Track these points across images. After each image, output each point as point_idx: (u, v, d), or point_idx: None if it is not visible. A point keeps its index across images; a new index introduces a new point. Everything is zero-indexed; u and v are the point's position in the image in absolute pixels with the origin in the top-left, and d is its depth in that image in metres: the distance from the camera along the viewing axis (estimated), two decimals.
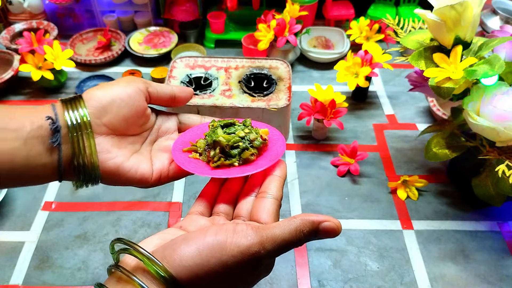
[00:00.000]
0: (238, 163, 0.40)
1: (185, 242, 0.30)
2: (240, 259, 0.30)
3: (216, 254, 0.30)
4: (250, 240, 0.30)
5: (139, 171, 0.40)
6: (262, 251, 0.30)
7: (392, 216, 0.69)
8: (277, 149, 0.41)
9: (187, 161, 0.41)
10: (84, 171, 0.37)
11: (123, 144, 0.40)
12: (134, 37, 1.03)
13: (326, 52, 0.98)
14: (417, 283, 0.60)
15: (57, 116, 0.36)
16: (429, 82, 0.57)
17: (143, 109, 0.41)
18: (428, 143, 0.66)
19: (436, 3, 0.56)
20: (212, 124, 0.43)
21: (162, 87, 0.42)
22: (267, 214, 0.35)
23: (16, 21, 1.03)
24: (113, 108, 0.38)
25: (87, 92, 0.39)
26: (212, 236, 0.30)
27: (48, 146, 0.35)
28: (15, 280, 0.60)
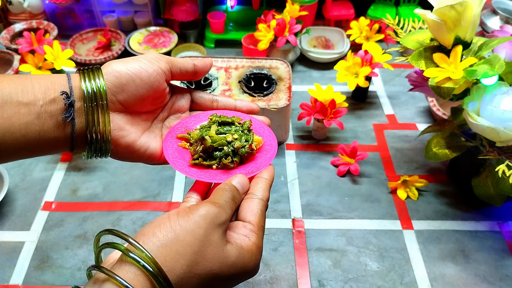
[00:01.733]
0: (216, 167, 0.40)
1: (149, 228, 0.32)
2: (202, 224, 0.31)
3: (177, 224, 0.31)
4: (209, 209, 0.32)
5: (149, 150, 0.40)
6: (220, 210, 0.33)
7: (392, 216, 0.69)
8: (262, 162, 0.40)
9: (173, 149, 0.41)
10: (96, 144, 0.37)
11: (136, 121, 0.40)
12: (134, 37, 1.03)
13: (326, 52, 0.98)
14: (417, 283, 0.60)
15: (72, 89, 0.36)
16: (429, 82, 0.57)
17: (162, 90, 0.40)
18: (428, 143, 0.66)
19: (436, 3, 0.56)
20: (211, 118, 0.43)
21: (184, 65, 0.41)
22: (252, 214, 0.35)
23: (16, 21, 1.03)
24: (131, 87, 0.38)
25: (107, 64, 0.38)
26: (171, 214, 0.32)
27: (61, 120, 0.35)
28: (15, 280, 0.60)
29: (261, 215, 0.36)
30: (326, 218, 0.68)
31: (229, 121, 0.42)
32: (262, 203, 0.36)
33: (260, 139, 0.42)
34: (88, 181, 0.74)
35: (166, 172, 0.75)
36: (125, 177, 0.74)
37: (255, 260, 0.34)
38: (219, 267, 0.31)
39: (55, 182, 0.74)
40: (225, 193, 0.35)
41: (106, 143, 0.37)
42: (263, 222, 0.36)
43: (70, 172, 0.75)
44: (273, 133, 0.43)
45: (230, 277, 0.32)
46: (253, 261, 0.33)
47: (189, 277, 0.30)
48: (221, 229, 0.32)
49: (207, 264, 0.31)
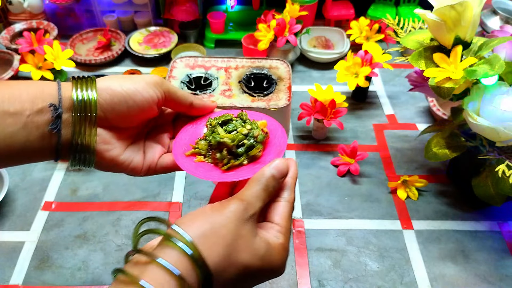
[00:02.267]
0: (247, 162, 0.40)
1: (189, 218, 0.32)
2: (233, 218, 0.32)
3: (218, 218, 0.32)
4: (240, 204, 0.33)
5: (132, 164, 0.40)
6: (248, 205, 0.33)
7: (392, 216, 0.69)
8: (279, 140, 0.41)
9: (195, 167, 0.40)
10: (81, 155, 0.37)
11: (122, 136, 0.40)
12: (134, 37, 1.03)
13: (326, 52, 0.98)
14: (417, 283, 0.60)
15: (61, 99, 0.35)
16: (429, 82, 0.57)
17: (152, 113, 0.41)
18: (428, 143, 0.66)
19: (436, 3, 0.56)
20: (210, 123, 0.42)
21: (181, 100, 0.41)
22: (279, 217, 0.36)
23: (16, 21, 1.03)
24: (123, 107, 0.37)
25: (103, 80, 0.38)
26: (206, 208, 0.33)
27: (47, 132, 0.35)
28: (15, 280, 0.60)
29: (288, 218, 0.36)
30: (326, 218, 0.68)
31: (229, 118, 0.42)
32: (288, 205, 0.37)
33: (265, 122, 0.42)
34: (88, 181, 0.74)
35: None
36: (125, 177, 0.73)
37: (281, 259, 0.34)
38: (250, 258, 0.32)
39: (55, 182, 0.74)
40: (255, 185, 0.35)
41: (91, 155, 0.37)
42: (289, 224, 0.36)
43: (70, 172, 0.75)
44: (267, 115, 0.44)
45: (260, 270, 0.33)
46: (280, 260, 0.34)
47: (225, 266, 0.31)
48: (250, 222, 0.33)
49: (240, 255, 0.32)
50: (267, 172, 0.36)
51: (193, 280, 0.29)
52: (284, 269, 0.35)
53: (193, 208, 0.69)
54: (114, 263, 0.62)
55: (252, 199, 0.34)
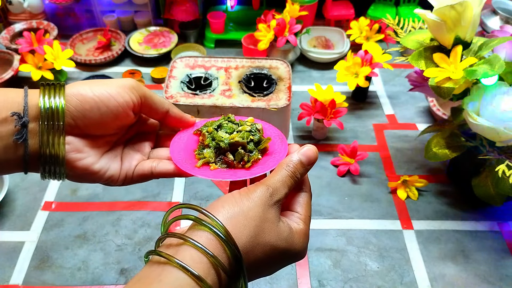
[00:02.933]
0: (260, 155, 0.40)
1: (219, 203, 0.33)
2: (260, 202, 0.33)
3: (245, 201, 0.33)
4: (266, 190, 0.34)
5: (108, 173, 0.38)
6: (274, 191, 0.34)
7: (392, 216, 0.69)
8: (270, 131, 0.42)
9: (219, 174, 0.39)
10: (50, 166, 0.35)
11: (96, 143, 0.37)
12: (134, 37, 1.03)
13: (326, 52, 0.98)
14: (417, 283, 0.60)
15: (27, 107, 0.33)
16: (429, 82, 0.57)
17: (128, 120, 0.38)
18: (428, 143, 0.66)
19: (436, 3, 0.56)
20: (206, 131, 0.41)
21: (157, 105, 0.39)
22: (299, 205, 0.37)
23: (16, 21, 1.03)
24: (95, 114, 0.35)
25: (73, 85, 0.35)
26: (234, 193, 0.34)
27: (11, 143, 0.33)
28: (15, 280, 0.60)
29: (308, 206, 0.37)
30: (326, 218, 0.68)
31: (220, 123, 0.42)
32: (307, 195, 0.38)
33: (252, 119, 0.43)
34: None
35: None
36: None
37: (303, 243, 0.35)
38: (275, 240, 0.33)
39: (55, 182, 0.74)
40: (283, 171, 0.35)
41: (61, 167, 0.35)
42: (309, 212, 0.37)
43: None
44: (256, 118, 0.44)
45: (284, 252, 0.34)
46: (301, 244, 0.35)
47: (253, 246, 0.32)
48: (275, 208, 0.34)
49: (266, 236, 0.33)
50: (295, 158, 0.36)
51: (224, 259, 0.31)
52: (305, 253, 0.36)
53: None
54: (114, 263, 0.62)
55: (278, 185, 0.34)
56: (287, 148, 0.39)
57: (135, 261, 0.62)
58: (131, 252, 0.64)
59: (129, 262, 0.62)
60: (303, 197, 0.37)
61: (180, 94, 0.74)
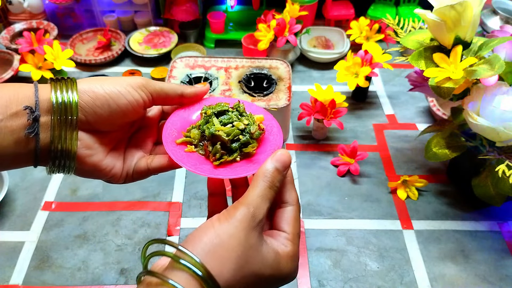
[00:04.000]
0: (239, 158, 0.38)
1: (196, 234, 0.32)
2: (242, 225, 0.31)
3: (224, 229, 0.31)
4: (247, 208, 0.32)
5: (113, 170, 0.38)
6: (255, 210, 0.32)
7: (392, 216, 0.69)
8: (275, 137, 0.39)
9: (185, 157, 0.38)
10: (60, 161, 0.35)
11: (104, 140, 0.38)
12: (134, 37, 1.03)
13: (326, 52, 0.98)
14: (417, 283, 0.60)
15: (38, 102, 0.33)
16: (429, 82, 0.57)
17: (138, 117, 0.39)
18: (428, 143, 0.66)
19: (436, 3, 0.56)
20: (205, 112, 0.40)
21: (169, 94, 0.39)
22: (286, 223, 0.35)
23: (16, 21, 1.03)
24: (105, 112, 0.36)
25: (85, 81, 0.36)
26: (213, 219, 0.32)
27: (23, 136, 0.33)
28: (15, 280, 0.60)
29: (296, 222, 0.35)
30: (326, 218, 0.68)
31: (225, 109, 0.40)
32: (294, 208, 0.36)
33: (262, 117, 0.41)
34: (88, 181, 0.74)
35: (166, 172, 0.75)
36: None
37: (291, 267, 0.34)
38: (260, 267, 0.32)
39: (55, 182, 0.74)
40: (261, 183, 0.33)
41: (72, 161, 0.35)
42: (298, 228, 0.35)
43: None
44: (263, 108, 0.42)
45: (270, 278, 0.33)
46: (289, 267, 0.34)
47: (237, 280, 0.31)
48: (258, 229, 0.32)
49: (250, 266, 0.31)
50: (270, 167, 0.34)
51: None
52: (296, 275, 0.35)
53: (193, 208, 0.69)
54: (114, 263, 0.62)
55: (258, 202, 0.33)
56: None
57: (135, 261, 0.62)
58: (131, 252, 0.64)
59: (129, 262, 0.62)
60: (289, 212, 0.35)
61: None
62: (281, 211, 0.36)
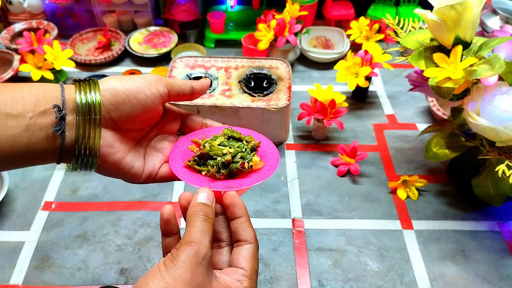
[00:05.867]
0: (205, 173, 0.41)
1: None
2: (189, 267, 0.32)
3: None
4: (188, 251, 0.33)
5: (132, 170, 0.40)
6: (198, 246, 0.33)
7: (392, 216, 0.69)
8: (247, 181, 0.41)
9: (179, 150, 0.42)
10: (84, 158, 0.37)
11: (125, 138, 0.40)
12: (134, 37, 1.03)
13: (326, 52, 0.98)
14: (417, 283, 0.60)
15: (64, 101, 0.35)
16: (429, 82, 0.57)
17: (156, 112, 0.41)
18: (428, 143, 0.66)
19: (436, 3, 0.56)
20: (224, 131, 0.44)
21: (182, 88, 0.41)
22: (243, 260, 0.36)
23: (16, 21, 1.03)
24: (127, 106, 0.37)
25: (105, 80, 0.38)
26: (160, 264, 0.33)
27: (50, 134, 0.35)
28: (15, 280, 0.60)
29: (254, 259, 0.36)
30: (326, 218, 0.68)
31: (237, 137, 0.43)
32: (252, 246, 0.37)
33: (259, 162, 0.42)
34: (88, 181, 0.74)
35: None
36: None
37: None
38: None
39: (55, 182, 0.74)
40: (197, 219, 0.35)
41: (94, 158, 0.37)
42: (256, 266, 0.36)
43: (70, 172, 0.75)
44: (278, 160, 0.43)
45: None
46: None
47: None
48: (204, 264, 0.33)
49: None
50: (197, 203, 0.36)
51: None
52: None
53: None
54: (114, 263, 0.62)
55: (199, 237, 0.34)
56: (227, 188, 0.39)
57: (135, 261, 0.62)
58: (131, 252, 0.64)
59: (129, 262, 0.62)
60: (247, 250, 0.36)
61: None
62: (238, 249, 0.37)
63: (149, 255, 0.63)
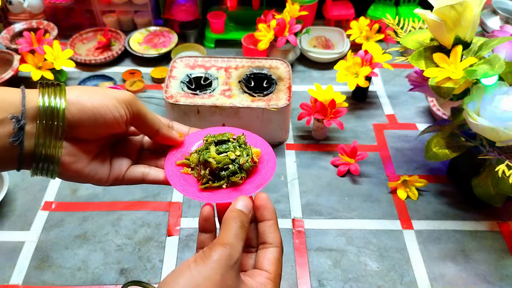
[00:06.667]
0: (226, 186, 0.40)
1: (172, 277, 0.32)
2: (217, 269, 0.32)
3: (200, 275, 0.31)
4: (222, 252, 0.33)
5: (97, 176, 0.39)
6: (232, 249, 0.33)
7: (392, 216, 0.69)
8: (267, 170, 0.41)
9: (177, 177, 0.40)
10: (43, 165, 0.35)
11: (88, 148, 0.38)
12: (134, 37, 1.03)
13: (326, 52, 0.98)
14: (417, 283, 0.60)
15: (24, 110, 0.33)
16: (429, 82, 0.57)
17: (121, 130, 0.39)
18: (428, 143, 0.66)
19: (436, 3, 0.56)
20: (206, 139, 0.42)
21: (150, 122, 0.40)
22: (268, 263, 0.36)
23: (16, 21, 1.03)
24: (91, 124, 0.36)
25: (73, 90, 0.35)
26: (190, 261, 0.32)
27: (8, 144, 0.33)
28: (15, 280, 0.60)
29: (278, 263, 0.36)
30: (326, 218, 0.68)
31: (225, 139, 0.42)
32: (277, 250, 0.36)
33: (258, 151, 0.42)
34: None
35: None
36: None
37: None
38: None
39: (55, 182, 0.74)
40: (233, 224, 0.34)
41: (55, 167, 0.35)
42: (280, 269, 0.36)
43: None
44: (266, 142, 0.44)
45: None
46: None
47: None
48: (235, 269, 0.33)
49: None
50: (236, 209, 0.36)
51: None
52: None
53: (193, 208, 0.69)
54: (114, 263, 0.62)
55: (234, 241, 0.33)
56: (252, 193, 0.39)
57: (135, 261, 0.62)
58: (131, 252, 0.64)
59: (129, 262, 0.62)
60: (272, 253, 0.36)
61: (180, 94, 0.74)
62: (263, 251, 0.36)
63: (149, 255, 0.63)
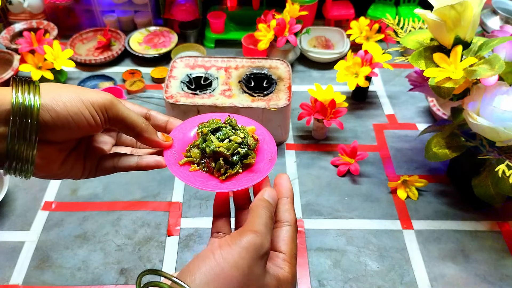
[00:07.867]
0: (242, 170, 0.39)
1: (198, 262, 0.30)
2: (246, 255, 0.30)
3: (227, 261, 0.30)
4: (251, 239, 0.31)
5: (70, 174, 0.39)
6: (263, 239, 0.31)
7: (392, 216, 0.69)
8: (268, 145, 0.41)
9: (192, 177, 0.39)
10: (17, 165, 0.34)
11: (59, 148, 0.37)
12: (134, 37, 1.03)
13: (326, 52, 0.98)
14: (417, 283, 0.60)
15: None
16: (429, 82, 0.57)
17: (96, 132, 0.38)
18: (428, 143, 0.66)
19: (436, 3, 0.56)
20: (201, 131, 0.41)
21: (128, 125, 0.38)
22: (283, 243, 0.35)
23: (16, 21, 1.03)
24: (65, 131, 0.35)
25: (48, 91, 0.34)
26: (214, 247, 0.31)
27: None
28: (15, 280, 0.60)
29: (292, 242, 0.35)
30: (326, 218, 0.68)
31: (220, 126, 0.41)
32: (291, 229, 0.35)
33: (253, 128, 0.42)
34: (88, 181, 0.74)
35: (166, 172, 0.75)
36: (125, 177, 0.74)
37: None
38: None
39: (55, 182, 0.74)
40: (263, 212, 0.33)
41: (30, 166, 0.34)
42: (295, 249, 0.35)
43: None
44: (250, 118, 0.43)
45: None
46: None
47: None
48: (264, 260, 0.31)
49: None
50: (265, 199, 0.35)
51: None
52: None
53: (193, 208, 0.69)
54: (114, 263, 0.62)
55: (265, 231, 0.32)
56: (269, 170, 0.38)
57: (135, 261, 0.62)
58: (131, 252, 0.64)
59: (129, 262, 0.62)
60: (286, 232, 0.35)
61: (180, 94, 0.74)
62: (277, 230, 0.35)
63: (149, 255, 0.63)
